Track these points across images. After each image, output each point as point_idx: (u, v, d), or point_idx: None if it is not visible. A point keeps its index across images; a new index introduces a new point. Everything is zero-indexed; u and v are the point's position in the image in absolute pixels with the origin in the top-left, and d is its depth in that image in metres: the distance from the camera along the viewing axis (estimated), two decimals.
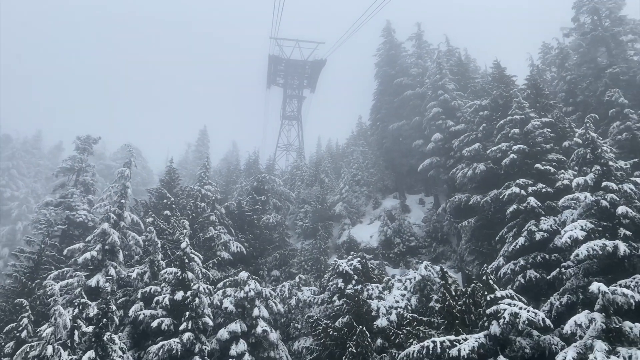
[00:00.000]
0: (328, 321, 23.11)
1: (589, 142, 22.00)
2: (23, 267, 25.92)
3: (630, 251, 18.21)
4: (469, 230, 29.31)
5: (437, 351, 17.71)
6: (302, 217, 43.96)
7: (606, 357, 13.77)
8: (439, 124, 36.90)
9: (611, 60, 32.05)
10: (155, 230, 25.95)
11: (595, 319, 14.99)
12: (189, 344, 20.38)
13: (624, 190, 20.06)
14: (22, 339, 21.26)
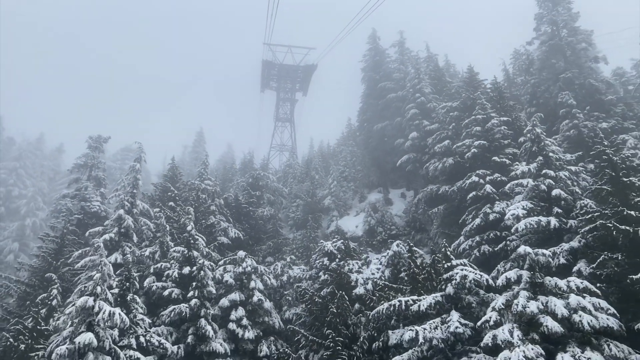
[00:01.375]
0: (314, 291, 26.95)
1: (534, 137, 26.02)
2: (48, 248, 29.53)
3: (560, 225, 22.20)
4: (439, 217, 33.24)
5: (402, 308, 21.53)
6: (294, 210, 47.71)
7: (527, 302, 17.63)
8: (416, 123, 40.90)
9: (567, 66, 36.12)
10: (163, 216, 29.69)
11: (522, 274, 18.86)
12: (196, 308, 24.12)
13: (560, 176, 24.07)
14: (53, 306, 25.04)
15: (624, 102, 33.60)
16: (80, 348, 14.73)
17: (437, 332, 19.90)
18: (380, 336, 22.72)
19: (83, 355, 14.82)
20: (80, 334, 14.87)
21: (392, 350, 21.77)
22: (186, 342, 23.14)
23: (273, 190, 50.66)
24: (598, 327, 16.67)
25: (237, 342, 25.06)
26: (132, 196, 29.07)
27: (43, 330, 22.68)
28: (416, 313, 21.29)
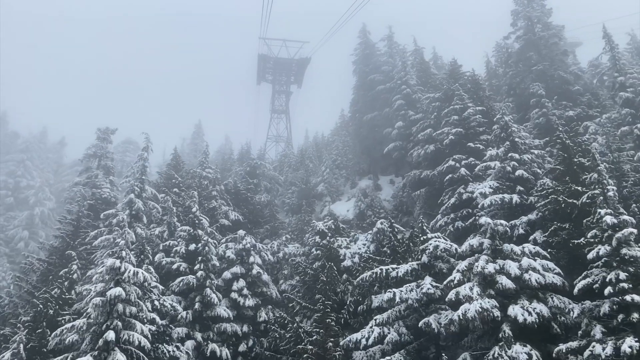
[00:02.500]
0: (307, 264, 30.05)
1: (503, 124, 29.05)
2: (66, 230, 32.47)
3: (521, 201, 25.31)
4: (421, 199, 36.30)
5: (383, 275, 24.59)
6: (290, 197, 50.74)
7: (486, 264, 20.70)
8: (402, 114, 43.87)
9: (540, 59, 39.07)
10: (170, 200, 32.65)
11: (484, 242, 21.92)
12: (202, 279, 27.15)
13: (524, 159, 27.13)
14: (73, 279, 28.04)
15: (591, 92, 36.61)
16: (111, 299, 17.69)
17: (412, 294, 22.99)
18: (364, 301, 25.84)
19: (113, 305, 17.80)
20: (111, 288, 17.85)
21: (375, 312, 24.80)
22: (194, 308, 26.18)
23: (270, 178, 53.68)
24: (544, 283, 19.80)
25: (239, 309, 28.13)
26: (141, 182, 31.95)
27: (67, 299, 25.73)
28: (395, 279, 24.37)
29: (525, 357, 17.94)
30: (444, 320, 20.85)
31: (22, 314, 25.95)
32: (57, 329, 23.18)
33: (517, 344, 18.49)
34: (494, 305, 19.36)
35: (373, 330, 23.02)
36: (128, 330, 17.68)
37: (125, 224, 22.48)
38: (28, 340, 22.93)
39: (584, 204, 20.71)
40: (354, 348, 23.66)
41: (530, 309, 19.13)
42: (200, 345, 25.25)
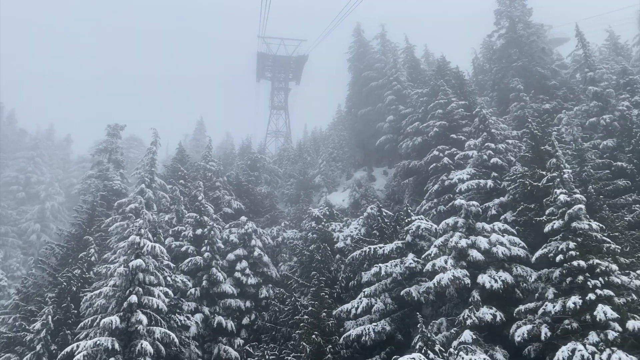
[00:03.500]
0: (304, 247, 32.89)
1: (481, 117, 31.82)
2: (82, 218, 35.32)
3: (495, 185, 28.12)
4: (410, 187, 39.10)
5: (371, 253, 27.40)
6: (289, 188, 53.59)
7: (459, 240, 23.47)
8: (393, 108, 46.63)
9: (520, 56, 41.81)
10: (178, 189, 35.47)
11: (458, 221, 24.71)
12: (208, 260, 29.99)
13: (499, 148, 29.92)
14: (91, 261, 30.92)
15: (567, 86, 39.33)
16: (132, 269, 20.47)
17: (397, 268, 25.78)
18: (355, 277, 28.65)
19: (135, 274, 20.58)
20: (132, 260, 20.64)
21: (364, 287, 27.60)
22: (201, 285, 29.05)
23: (269, 171, 56.53)
24: (510, 255, 22.63)
25: (242, 287, 30.97)
26: (150, 173, 34.74)
27: (87, 278, 28.64)
28: (382, 256, 27.16)
29: (491, 317, 20.76)
30: (423, 290, 23.68)
31: (47, 292, 28.81)
32: (79, 303, 26.16)
33: (484, 307, 21.30)
34: (465, 274, 22.18)
35: (362, 301, 25.82)
36: (147, 295, 20.51)
37: (143, 206, 25.33)
38: (54, 313, 25.84)
39: (545, 185, 23.49)
40: (345, 318, 26.43)
41: (496, 277, 21.93)
42: (207, 318, 28.12)
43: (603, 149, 30.50)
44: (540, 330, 19.23)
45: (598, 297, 18.23)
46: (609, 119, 31.43)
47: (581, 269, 19.10)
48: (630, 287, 18.97)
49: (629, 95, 32.69)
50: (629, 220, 23.94)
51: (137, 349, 18.68)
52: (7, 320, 30.64)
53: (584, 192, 24.70)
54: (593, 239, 20.24)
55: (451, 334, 21.59)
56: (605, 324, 17.57)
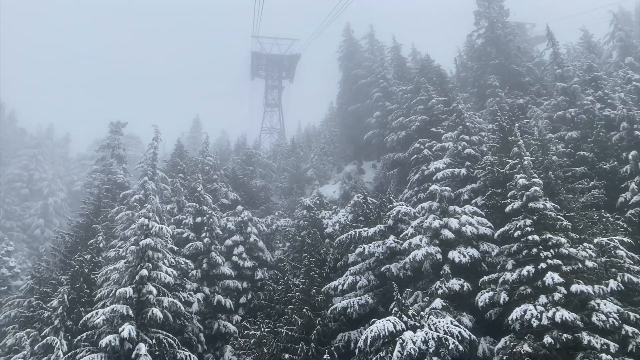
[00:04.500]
0: (296, 232, 35.64)
1: (457, 112, 34.64)
2: (89, 209, 37.93)
3: (468, 173, 30.94)
4: (395, 178, 41.91)
5: (357, 236, 30.15)
6: (283, 181, 56.30)
7: (433, 221, 26.25)
8: (379, 105, 49.41)
9: (498, 54, 44.67)
10: (178, 182, 38.11)
11: (433, 204, 27.49)
12: (208, 245, 32.69)
13: (473, 140, 32.74)
14: (100, 248, 33.50)
15: (540, 82, 42.20)
16: (143, 247, 23.11)
17: (379, 249, 28.54)
18: (342, 258, 31.40)
19: (145, 252, 23.22)
20: (142, 240, 23.29)
21: (350, 267, 30.40)
22: (202, 268, 31.76)
23: (264, 165, 59.24)
24: (477, 234, 25.45)
25: (239, 270, 33.68)
26: (152, 167, 37.21)
27: (97, 261, 31.27)
28: (366, 238, 29.90)
29: (459, 287, 23.58)
30: (400, 265, 26.49)
31: (61, 275, 31.42)
32: (91, 285, 28.86)
33: (453, 279, 24.12)
34: (437, 251, 24.99)
35: (347, 278, 28.57)
36: (156, 270, 23.16)
37: (150, 193, 27.96)
38: (69, 293, 28.46)
39: (509, 171, 26.30)
40: (333, 294, 29.17)
41: (465, 252, 24.75)
42: (208, 297, 30.84)
43: (568, 140, 33.42)
44: (500, 296, 22.07)
45: (548, 265, 21.04)
46: (574, 112, 34.32)
47: (535, 243, 21.92)
48: (578, 257, 21.78)
49: (593, 91, 35.57)
50: (583, 202, 26.79)
51: (149, 315, 21.35)
52: (22, 303, 33.32)
53: (545, 178, 27.61)
54: (548, 217, 23.08)
55: (425, 303, 24.42)
56: (553, 288, 20.38)
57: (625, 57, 43.69)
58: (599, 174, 30.91)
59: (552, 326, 19.54)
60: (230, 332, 29.61)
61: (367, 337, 21.16)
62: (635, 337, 19.20)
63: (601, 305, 19.82)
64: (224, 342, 29.79)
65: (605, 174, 30.85)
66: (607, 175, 30.79)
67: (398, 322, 21.10)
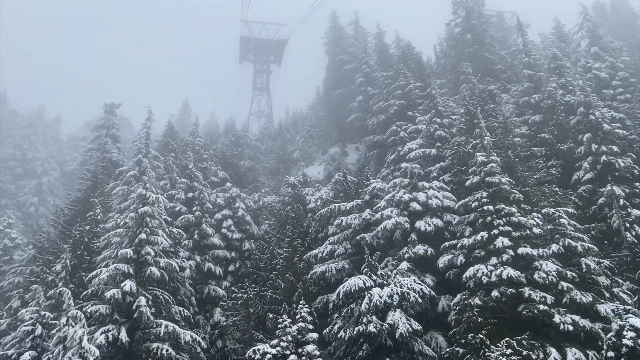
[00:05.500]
0: (281, 207, 38.41)
1: (431, 97, 37.37)
2: (86, 184, 40.28)
3: (438, 153, 33.82)
4: (374, 158, 44.73)
5: (336, 210, 32.95)
6: (270, 162, 58.92)
7: (403, 195, 29.10)
8: (362, 89, 52.02)
9: (473, 43, 47.39)
10: (171, 159, 40.56)
11: (404, 181, 30.35)
12: (199, 218, 35.31)
13: (444, 122, 35.55)
14: (98, 219, 35.94)
15: (511, 70, 45.07)
16: (141, 214, 25.67)
17: (355, 220, 31.37)
18: (322, 230, 34.27)
19: (143, 218, 25.79)
20: (140, 207, 25.85)
21: (330, 237, 33.27)
22: (193, 238, 34.42)
23: (252, 147, 61.74)
24: (442, 206, 28.39)
25: (228, 241, 36.39)
26: (146, 145, 39.62)
27: (96, 231, 33.80)
28: (345, 212, 32.67)
29: (423, 252, 26.57)
30: (373, 234, 29.42)
31: (62, 244, 33.92)
32: (91, 252, 31.44)
33: (419, 245, 27.08)
34: (406, 221, 27.91)
35: (327, 247, 31.42)
36: (153, 235, 25.79)
37: (148, 166, 30.50)
38: (71, 259, 31.01)
39: (471, 150, 29.21)
40: (314, 262, 32.03)
41: (430, 222, 27.70)
42: (199, 265, 33.55)
43: (532, 123, 36.43)
44: (457, 259, 25.12)
45: (500, 232, 24.04)
46: (537, 97, 37.27)
47: (490, 212, 24.88)
48: (527, 225, 24.78)
49: (557, 78, 38.46)
50: (538, 179, 29.84)
51: (147, 273, 23.99)
52: (25, 271, 35.87)
53: (506, 157, 30.60)
54: (503, 190, 26.03)
55: (393, 266, 27.38)
56: (502, 250, 23.39)
57: (592, 47, 46.59)
58: (557, 154, 33.98)
59: (499, 282, 22.58)
60: (219, 296, 32.39)
61: (340, 291, 24.08)
62: (569, 291, 22.32)
63: (543, 265, 22.87)
64: (213, 305, 32.58)
65: (563, 154, 33.91)
66: (564, 156, 33.86)
67: (367, 279, 23.99)
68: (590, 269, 23.54)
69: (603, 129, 32.64)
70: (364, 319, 22.20)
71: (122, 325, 22.40)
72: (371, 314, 22.41)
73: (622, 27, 68.94)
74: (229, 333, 30.57)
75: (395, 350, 22.32)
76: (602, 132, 32.66)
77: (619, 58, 45.30)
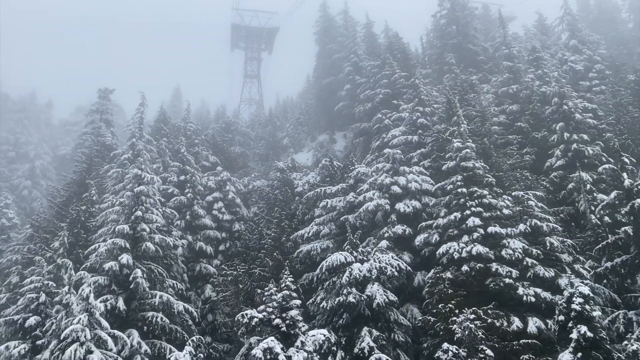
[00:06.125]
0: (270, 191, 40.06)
1: (414, 86, 39.05)
2: (82, 167, 41.61)
3: (419, 140, 35.59)
4: (361, 145, 46.45)
5: (322, 192, 34.69)
6: (260, 148, 60.42)
7: (385, 178, 30.85)
8: (350, 78, 53.57)
9: (457, 34, 49.04)
10: (164, 143, 41.96)
11: (386, 165, 32.09)
12: (191, 200, 36.85)
13: (426, 111, 37.29)
14: (93, 200, 37.35)
15: (494, 61, 46.84)
16: (137, 193, 27.20)
17: (340, 203, 33.16)
18: (309, 212, 36.01)
19: (139, 197, 27.33)
20: (136, 187, 27.40)
21: (316, 219, 35.03)
22: (185, 219, 36.00)
23: (242, 133, 63.15)
24: (421, 189, 30.24)
25: (219, 223, 38.00)
26: (140, 129, 40.88)
27: (92, 211, 35.25)
28: (330, 195, 34.45)
29: (402, 231, 28.43)
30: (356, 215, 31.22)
31: (59, 222, 35.34)
32: (88, 231, 32.92)
33: (398, 225, 28.93)
34: (387, 203, 29.75)
35: (312, 228, 33.19)
36: (148, 213, 27.37)
37: (143, 149, 31.95)
38: (68, 237, 32.47)
39: (449, 137, 30.99)
40: (300, 242, 33.79)
41: (409, 204, 29.55)
42: (191, 244, 35.16)
43: (509, 112, 38.29)
44: (433, 237, 27.03)
45: (472, 212, 25.89)
46: (515, 88, 39.11)
47: (463, 194, 26.72)
48: (497, 206, 26.67)
49: (534, 69, 40.29)
50: (511, 164, 31.74)
51: (143, 248, 25.59)
52: (23, 249, 37.26)
53: (482, 144, 32.46)
54: (477, 174, 27.87)
55: (374, 245, 29.22)
56: (473, 229, 25.26)
57: (571, 40, 48.47)
58: (532, 142, 35.91)
59: (469, 258, 24.52)
60: (210, 273, 34.06)
61: (323, 266, 25.88)
62: (533, 267, 24.30)
63: (510, 243, 24.80)
64: (204, 282, 34.24)
65: (537, 142, 35.85)
66: (538, 143, 35.80)
67: (349, 256, 25.78)
68: (554, 247, 25.56)
69: (575, 118, 34.53)
70: (345, 291, 24.03)
71: (119, 295, 24.05)
72: (351, 286, 24.24)
73: (605, 21, 71.02)
74: (219, 308, 32.30)
75: (373, 320, 24.18)
76: (574, 121, 34.56)
77: (596, 51, 47.26)
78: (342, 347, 23.19)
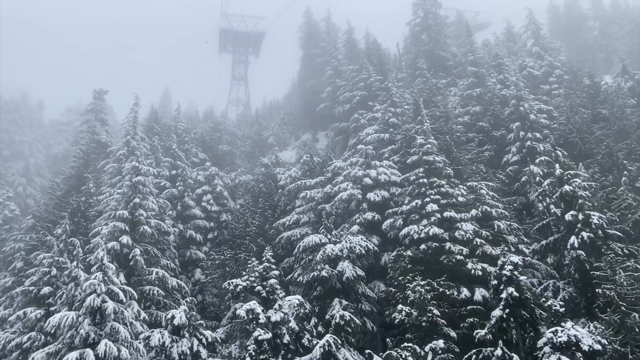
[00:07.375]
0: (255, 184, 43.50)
1: (387, 88, 42.79)
2: (79, 163, 44.64)
3: (390, 137, 39.31)
4: (340, 143, 50.11)
5: (302, 185, 38.17)
6: (246, 147, 63.79)
7: (358, 172, 34.44)
8: (331, 81, 57.27)
9: (429, 41, 52.96)
10: (157, 140, 45.20)
11: (359, 160, 35.68)
12: (182, 192, 40.14)
13: (397, 111, 41.00)
14: (91, 192, 40.52)
15: (462, 67, 50.83)
16: (135, 182, 30.46)
17: (318, 194, 36.68)
18: (291, 203, 39.47)
19: (136, 186, 30.59)
20: (134, 177, 30.70)
21: (296, 209, 38.49)
22: (177, 209, 39.30)
23: (230, 133, 66.48)
24: (389, 181, 33.89)
25: (208, 213, 41.34)
26: (134, 127, 44.17)
27: (91, 202, 38.41)
28: (310, 187, 37.96)
29: (371, 217, 32.01)
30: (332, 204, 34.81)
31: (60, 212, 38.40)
32: (87, 220, 36.08)
33: (369, 212, 32.53)
34: (359, 192, 33.36)
35: (293, 216, 36.61)
36: (145, 200, 30.67)
37: (137, 146, 35.21)
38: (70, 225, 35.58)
39: (413, 134, 34.73)
40: (282, 230, 37.18)
41: (378, 193, 33.17)
42: (182, 232, 38.46)
43: (473, 113, 42.18)
44: (397, 222, 30.68)
45: (431, 199, 29.55)
46: (479, 91, 43.03)
47: (424, 184, 30.39)
48: (453, 195, 30.38)
49: (496, 74, 44.28)
50: (469, 159, 35.57)
51: (140, 230, 28.90)
52: (25, 238, 40.21)
53: (445, 141, 36.25)
54: (437, 167, 31.60)
55: (347, 229, 32.77)
56: (431, 214, 28.92)
57: (534, 47, 52.64)
58: (492, 140, 39.82)
59: (427, 238, 28.16)
60: (200, 259, 37.37)
61: (300, 246, 29.42)
62: (482, 246, 28.02)
63: (463, 226, 28.53)
64: (194, 266, 37.54)
65: (497, 140, 39.76)
66: (497, 141, 39.71)
67: (323, 237, 29.29)
68: (501, 229, 29.36)
69: (530, 118, 38.47)
70: (319, 267, 27.55)
71: (120, 272, 27.29)
72: (324, 263, 27.75)
73: (573, 29, 75.77)
74: (207, 289, 35.67)
75: (343, 292, 27.70)
76: (529, 121, 38.49)
77: (557, 57, 51.49)
78: (315, 315, 26.68)
